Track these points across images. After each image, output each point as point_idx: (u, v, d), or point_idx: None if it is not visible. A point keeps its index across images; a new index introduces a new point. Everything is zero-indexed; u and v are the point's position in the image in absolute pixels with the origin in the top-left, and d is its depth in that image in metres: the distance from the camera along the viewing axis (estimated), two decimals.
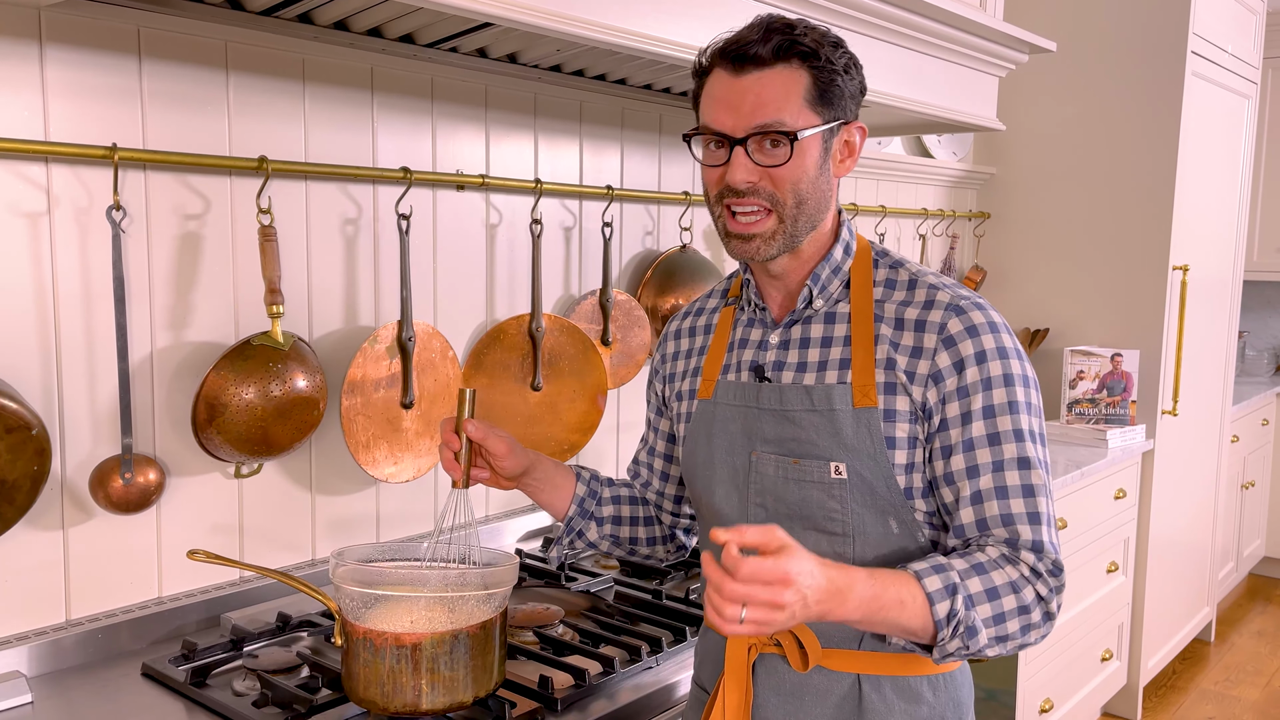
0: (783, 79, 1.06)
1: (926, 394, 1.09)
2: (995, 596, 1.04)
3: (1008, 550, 1.07)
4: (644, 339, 2.22)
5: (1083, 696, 3.11)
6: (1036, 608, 1.06)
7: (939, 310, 1.10)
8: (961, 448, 1.08)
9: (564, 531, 1.32)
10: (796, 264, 1.16)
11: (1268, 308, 5.24)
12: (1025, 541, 1.07)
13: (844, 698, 1.13)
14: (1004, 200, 3.58)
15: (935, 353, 1.09)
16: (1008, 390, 1.08)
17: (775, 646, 1.14)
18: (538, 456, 1.28)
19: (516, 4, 1.34)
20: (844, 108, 1.11)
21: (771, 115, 1.06)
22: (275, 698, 1.30)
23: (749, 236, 1.10)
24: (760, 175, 1.08)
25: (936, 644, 1.03)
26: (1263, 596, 4.66)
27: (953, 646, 1.03)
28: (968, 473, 1.08)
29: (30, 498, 1.33)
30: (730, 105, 1.07)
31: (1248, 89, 3.71)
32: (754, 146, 1.07)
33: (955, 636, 1.02)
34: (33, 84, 1.35)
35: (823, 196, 1.12)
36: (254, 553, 1.65)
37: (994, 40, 2.31)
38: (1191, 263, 3.40)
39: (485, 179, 1.86)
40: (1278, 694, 3.62)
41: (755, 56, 1.06)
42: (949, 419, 1.09)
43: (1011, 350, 1.10)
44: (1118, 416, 3.16)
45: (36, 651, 1.39)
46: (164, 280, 1.51)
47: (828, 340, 1.15)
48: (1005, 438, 1.08)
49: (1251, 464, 4.52)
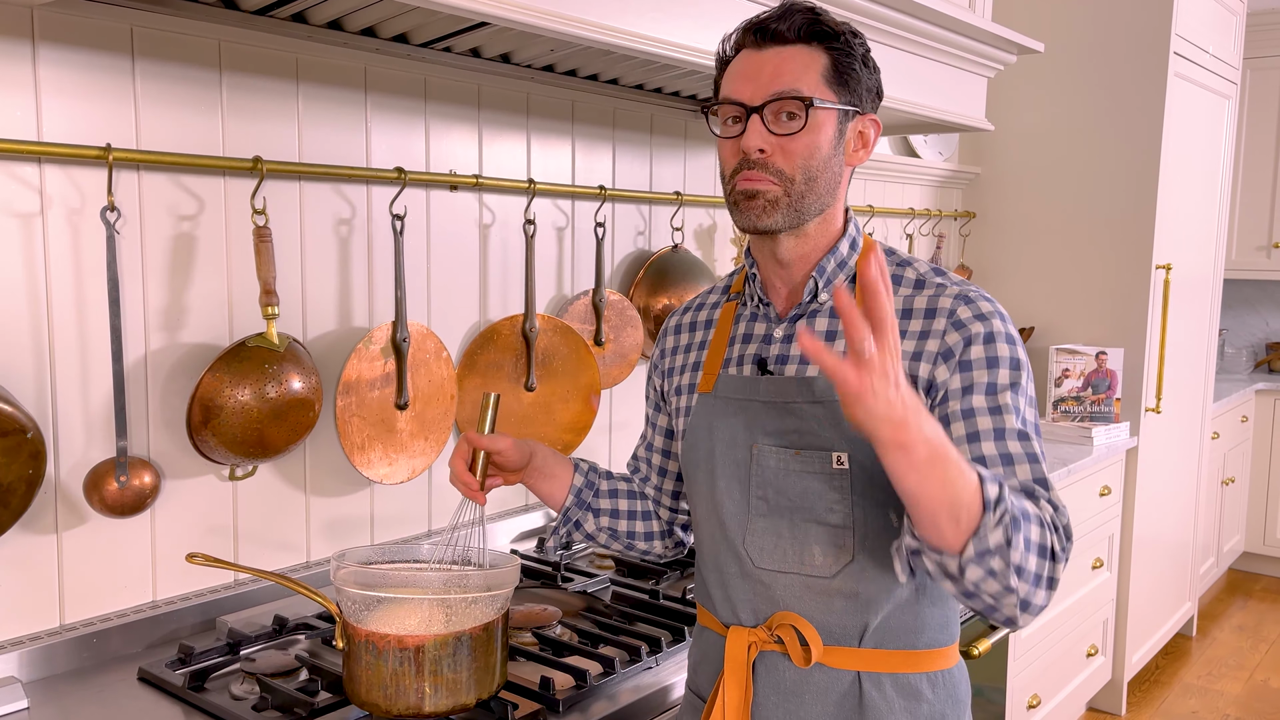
0: (803, 56, 1.10)
1: (935, 370, 1.09)
2: (1028, 519, 0.97)
3: (1028, 496, 1.03)
4: (637, 339, 2.22)
5: (1069, 692, 3.14)
6: (1050, 561, 0.99)
7: (948, 298, 1.12)
8: (962, 415, 1.07)
9: (560, 521, 1.32)
10: (803, 251, 1.17)
11: (1246, 306, 5.31)
12: (1042, 495, 1.03)
13: (844, 695, 1.13)
14: (989, 200, 3.60)
15: (945, 333, 1.10)
16: (1012, 374, 1.08)
17: (776, 644, 1.14)
18: (536, 445, 1.30)
19: (513, 3, 1.34)
20: (861, 96, 1.13)
21: (789, 84, 1.08)
22: (275, 701, 1.30)
23: (753, 194, 1.11)
24: (774, 145, 1.09)
25: (977, 532, 0.93)
26: (1242, 591, 4.71)
27: (994, 540, 0.93)
28: (968, 438, 1.06)
29: (25, 501, 1.32)
30: (749, 76, 1.11)
31: (1228, 89, 3.75)
32: (770, 116, 1.09)
33: (999, 525, 0.93)
34: (26, 84, 1.34)
35: (833, 179, 1.13)
36: (249, 555, 1.64)
37: (983, 41, 2.33)
38: (1174, 262, 3.43)
39: (479, 179, 1.86)
40: (1259, 688, 3.67)
41: (777, 33, 1.10)
42: (951, 390, 1.08)
43: (1016, 341, 1.11)
44: (1102, 414, 3.19)
45: (30, 656, 1.38)
46: (158, 281, 1.49)
47: (832, 334, 1.15)
48: (1007, 409, 1.06)
49: (1231, 460, 4.57)
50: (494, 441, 1.23)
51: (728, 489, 1.18)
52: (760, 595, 1.15)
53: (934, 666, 1.15)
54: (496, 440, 1.23)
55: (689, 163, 2.38)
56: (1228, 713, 3.47)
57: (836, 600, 1.12)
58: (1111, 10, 3.25)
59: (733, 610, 1.18)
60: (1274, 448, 4.77)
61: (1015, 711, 2.79)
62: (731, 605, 1.18)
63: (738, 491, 1.17)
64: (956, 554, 0.96)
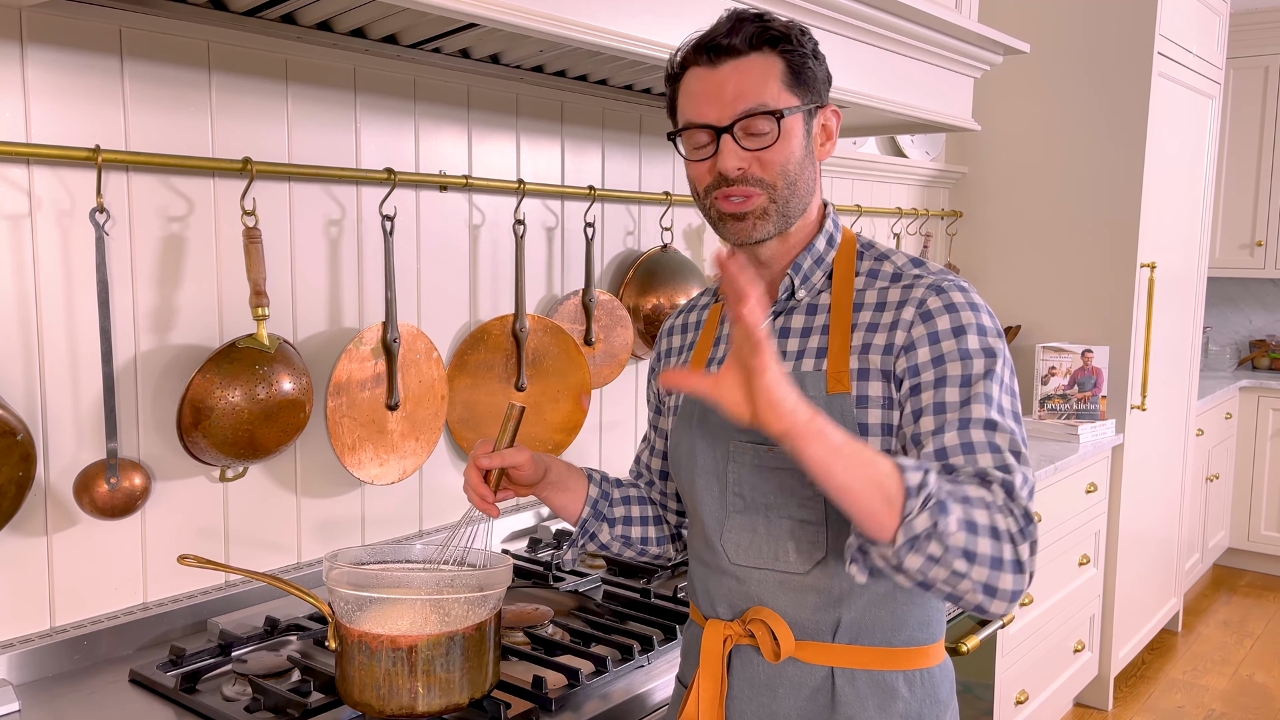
0: (759, 65, 1.09)
1: (897, 362, 1.08)
2: (967, 502, 0.95)
3: (980, 480, 1.00)
4: (626, 339, 2.23)
5: (1056, 687, 3.17)
6: (1007, 544, 0.95)
7: (920, 289, 1.11)
8: (932, 409, 1.05)
9: (578, 534, 1.32)
10: (783, 250, 1.17)
11: (1229, 303, 5.35)
12: (995, 477, 0.99)
13: (817, 690, 1.14)
14: (976, 199, 3.62)
15: (912, 325, 1.09)
16: (986, 362, 1.06)
17: (749, 638, 1.15)
18: (550, 459, 1.29)
19: (502, 5, 1.34)
20: (818, 91, 1.14)
21: (754, 99, 1.08)
22: (267, 702, 1.30)
23: (742, 215, 1.11)
24: (749, 161, 1.09)
25: (903, 520, 0.92)
26: (1227, 587, 4.75)
27: (920, 525, 0.92)
28: (933, 431, 1.04)
29: (15, 504, 1.31)
30: (711, 96, 1.09)
31: (1211, 89, 3.78)
32: (740, 133, 1.09)
33: (924, 509, 0.92)
34: (14, 85, 1.34)
35: (809, 179, 1.14)
36: (239, 556, 1.64)
37: (969, 41, 2.34)
38: (1158, 260, 3.46)
39: (468, 180, 1.86)
40: (1244, 682, 3.70)
41: (730, 47, 1.09)
42: (922, 382, 1.07)
43: (991, 330, 1.09)
44: (1089, 412, 3.22)
45: (21, 659, 1.37)
46: (147, 283, 1.49)
47: (807, 330, 1.16)
48: (976, 399, 1.04)
49: (1215, 457, 4.61)
50: (512, 456, 1.22)
51: (706, 486, 1.19)
52: (736, 590, 1.17)
53: (912, 665, 1.15)
54: (515, 455, 1.22)
55: (678, 163, 2.39)
56: (1213, 707, 3.50)
57: (809, 596, 1.13)
58: (1096, 11, 3.28)
59: (711, 604, 1.20)
60: (1258, 444, 4.82)
61: (1003, 707, 2.81)
62: (710, 599, 1.20)
63: (716, 488, 1.18)
64: (891, 543, 0.94)
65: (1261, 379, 4.84)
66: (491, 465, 1.22)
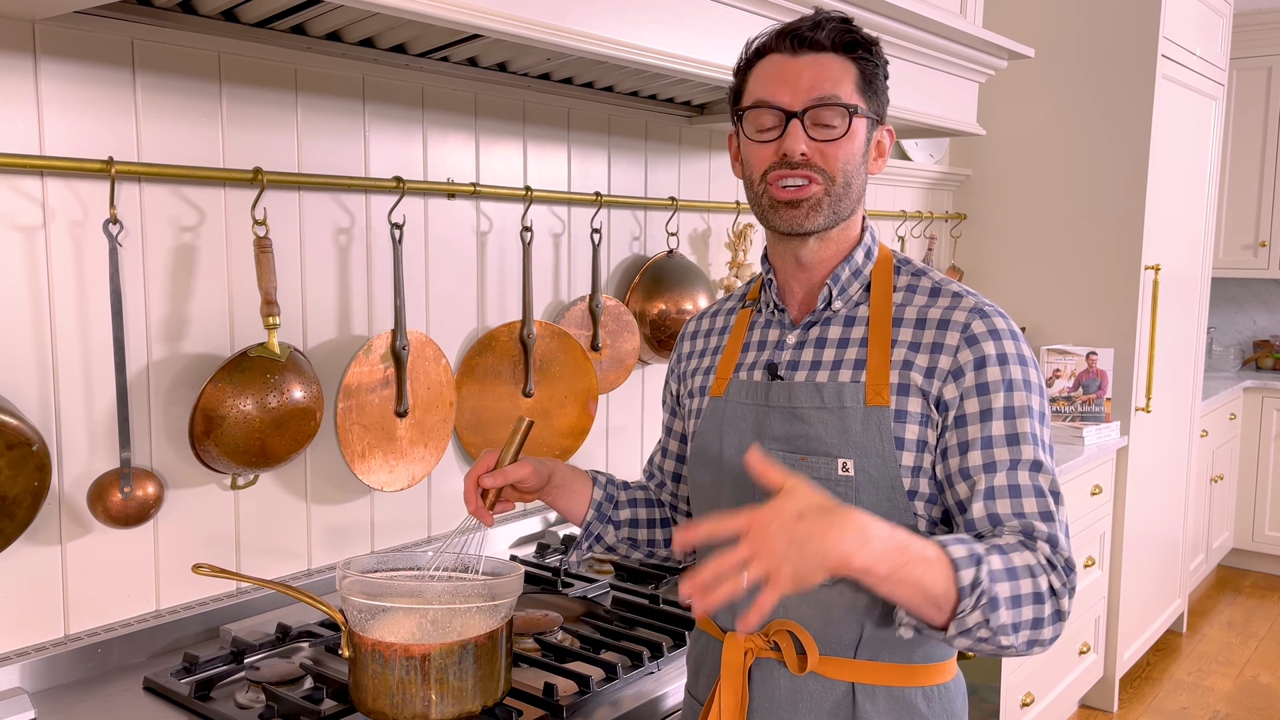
0: (837, 64, 1.12)
1: (944, 389, 1.10)
2: (1015, 576, 1.00)
3: (1024, 539, 1.06)
4: (633, 344, 2.24)
5: (1062, 689, 3.17)
6: (1049, 600, 1.02)
7: (963, 311, 1.13)
8: (980, 444, 1.09)
9: (582, 536, 1.33)
10: (825, 255, 1.18)
11: (1232, 304, 5.35)
12: (1041, 533, 1.05)
13: (837, 705, 1.14)
14: (979, 202, 3.63)
15: (958, 349, 1.11)
16: (1029, 396, 1.10)
17: (773, 650, 1.15)
18: (554, 464, 1.30)
19: (510, 16, 1.35)
20: (881, 106, 1.17)
21: (829, 90, 1.10)
22: (281, 709, 1.31)
23: (797, 203, 1.12)
24: (814, 150, 1.11)
25: (956, 616, 0.98)
26: (1231, 588, 4.75)
27: (973, 620, 0.98)
28: (984, 469, 1.08)
29: (31, 513, 1.33)
30: (787, 81, 1.11)
31: (1215, 90, 3.78)
32: (809, 121, 1.11)
33: (977, 608, 0.97)
34: (28, 98, 1.35)
35: (860, 186, 1.16)
36: (250, 564, 1.65)
37: (974, 47, 2.35)
38: (1162, 262, 3.46)
39: (476, 187, 1.87)
40: (1249, 683, 3.71)
41: (813, 41, 1.11)
42: (968, 414, 1.10)
43: (1030, 361, 1.12)
44: (1093, 414, 3.22)
45: (36, 667, 1.38)
46: (160, 293, 1.50)
47: (845, 341, 1.16)
48: (1024, 439, 1.08)
49: (1220, 458, 4.61)
50: (514, 473, 1.23)
51: (734, 493, 1.19)
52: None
53: (930, 680, 1.16)
54: (517, 471, 1.23)
55: (683, 168, 2.39)
56: (1218, 708, 3.50)
57: (835, 609, 1.13)
58: (1100, 14, 3.28)
59: (732, 615, 1.19)
60: (1262, 444, 4.82)
61: (1009, 710, 2.82)
62: (731, 610, 1.19)
63: (743, 496, 1.18)
64: (943, 631, 1.01)
65: (1265, 379, 4.84)
66: (494, 485, 1.23)
